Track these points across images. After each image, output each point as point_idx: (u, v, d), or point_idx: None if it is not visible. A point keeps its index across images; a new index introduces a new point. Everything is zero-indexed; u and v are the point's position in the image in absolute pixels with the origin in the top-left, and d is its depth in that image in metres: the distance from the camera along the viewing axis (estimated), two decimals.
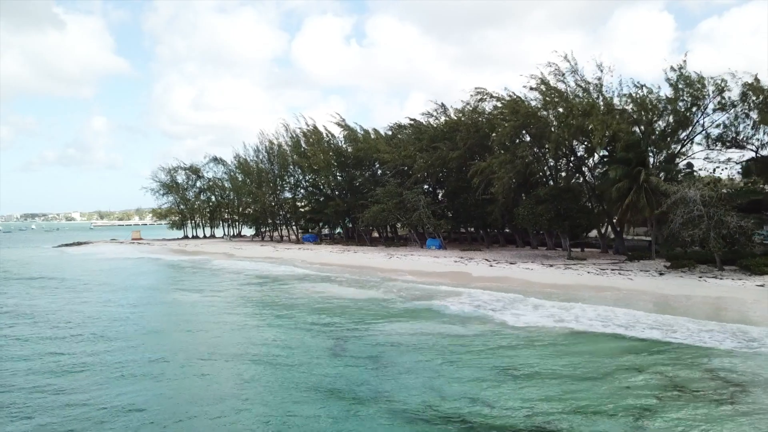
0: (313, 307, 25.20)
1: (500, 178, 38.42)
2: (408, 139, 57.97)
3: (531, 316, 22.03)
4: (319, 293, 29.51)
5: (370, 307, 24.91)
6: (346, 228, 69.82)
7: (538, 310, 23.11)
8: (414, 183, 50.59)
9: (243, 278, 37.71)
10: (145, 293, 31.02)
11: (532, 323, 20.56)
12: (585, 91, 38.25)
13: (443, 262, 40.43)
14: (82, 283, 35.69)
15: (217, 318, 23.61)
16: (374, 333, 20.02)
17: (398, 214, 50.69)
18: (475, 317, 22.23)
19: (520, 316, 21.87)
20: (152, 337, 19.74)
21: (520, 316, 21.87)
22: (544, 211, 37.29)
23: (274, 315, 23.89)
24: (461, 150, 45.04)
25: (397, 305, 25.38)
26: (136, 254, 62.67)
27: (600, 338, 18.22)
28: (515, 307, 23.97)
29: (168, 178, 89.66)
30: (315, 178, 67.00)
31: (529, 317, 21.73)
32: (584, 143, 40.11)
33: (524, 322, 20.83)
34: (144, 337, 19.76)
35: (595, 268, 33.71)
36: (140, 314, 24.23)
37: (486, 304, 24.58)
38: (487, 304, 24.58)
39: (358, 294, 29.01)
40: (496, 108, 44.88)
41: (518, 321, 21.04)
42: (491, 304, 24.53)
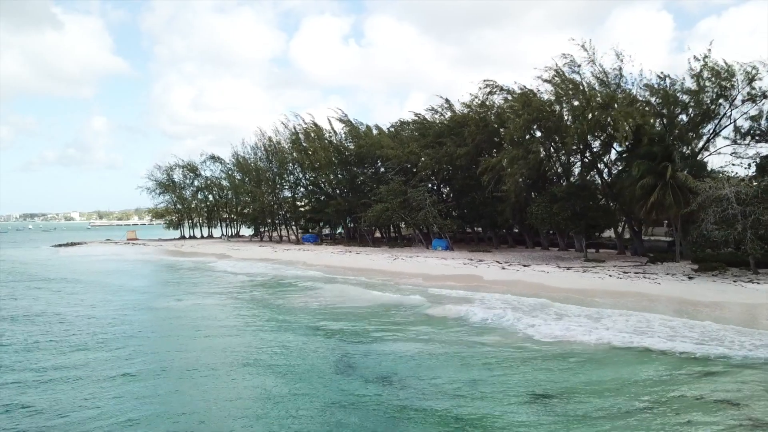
0: (312, 319, 22.92)
1: (512, 175, 36.11)
2: (412, 135, 55.76)
3: (557, 326, 19.74)
4: (319, 301, 27.23)
5: (376, 316, 22.64)
6: (347, 228, 67.52)
7: (563, 320, 20.82)
8: (419, 181, 48.26)
9: (238, 283, 35.46)
10: (130, 300, 28.70)
11: (561, 336, 18.29)
12: (603, 83, 35.95)
13: (452, 264, 38.13)
14: (68, 286, 33.46)
15: (206, 330, 21.34)
16: (384, 347, 17.76)
17: (403, 214, 48.35)
18: (494, 328, 19.97)
19: (545, 327, 19.60)
20: (140, 350, 17.45)
21: (545, 327, 19.60)
22: (560, 210, 34.97)
23: (270, 326, 21.61)
24: (469, 146, 42.72)
25: (406, 314, 23.11)
26: (128, 255, 60.41)
27: (644, 355, 15.92)
28: (537, 315, 21.69)
29: (164, 176, 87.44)
30: (315, 176, 64.61)
31: (556, 328, 19.45)
32: (601, 138, 37.80)
33: (551, 334, 18.56)
34: (131, 349, 17.47)
35: (617, 270, 31.42)
36: (123, 324, 21.94)
37: (504, 312, 22.30)
38: (506, 312, 22.29)
39: (362, 300, 26.73)
40: (506, 101, 42.61)
41: (544, 333, 18.78)
42: (510, 312, 22.24)
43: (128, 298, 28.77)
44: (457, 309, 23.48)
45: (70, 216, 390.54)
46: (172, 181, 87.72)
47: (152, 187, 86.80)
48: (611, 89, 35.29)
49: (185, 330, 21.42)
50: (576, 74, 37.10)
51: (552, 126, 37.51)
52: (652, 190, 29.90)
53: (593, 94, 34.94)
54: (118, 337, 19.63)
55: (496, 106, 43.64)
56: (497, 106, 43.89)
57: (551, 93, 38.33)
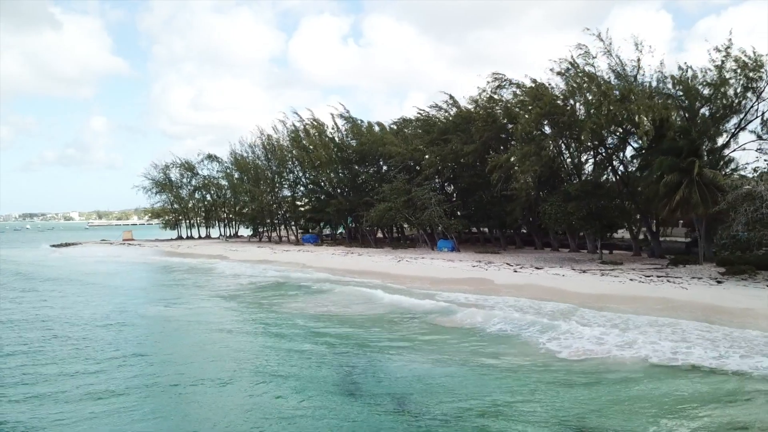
0: (312, 327, 20.96)
1: (524, 172, 34.13)
2: (415, 133, 53.81)
3: (583, 338, 17.77)
4: (319, 306, 25.27)
5: (382, 325, 20.70)
6: (348, 228, 65.55)
7: (588, 330, 18.82)
8: (424, 179, 46.26)
9: (233, 287, 33.51)
10: (115, 306, 26.72)
11: (589, 350, 16.32)
12: (619, 75, 33.98)
13: (460, 266, 36.17)
14: (56, 288, 31.53)
15: (194, 341, 19.38)
16: (393, 361, 15.83)
17: (407, 213, 46.37)
18: (513, 340, 18.04)
19: (569, 339, 17.67)
20: (124, 364, 15.50)
21: (569, 339, 17.67)
22: (574, 210, 33.01)
23: (267, 337, 19.66)
24: (477, 143, 40.73)
25: (415, 322, 21.16)
26: (121, 256, 58.46)
27: (691, 374, 13.95)
28: (559, 325, 19.70)
29: (161, 175, 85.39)
30: (316, 174, 62.54)
31: (582, 341, 17.50)
32: (617, 133, 35.84)
33: (578, 348, 16.61)
34: (114, 362, 15.53)
35: (637, 274, 29.47)
36: (107, 333, 19.99)
37: (522, 321, 20.38)
38: (524, 321, 20.37)
39: (366, 306, 24.77)
40: (516, 96, 40.65)
41: (570, 347, 16.83)
42: (528, 321, 20.31)
43: (114, 304, 26.81)
44: (470, 317, 21.56)
45: (69, 216, 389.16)
46: (169, 180, 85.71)
47: (148, 186, 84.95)
48: (628, 82, 33.30)
49: (173, 340, 19.50)
50: (590, 66, 35.22)
51: (565, 121, 35.56)
52: (677, 188, 27.92)
53: (610, 86, 32.96)
54: (103, 348, 17.71)
55: (505, 101, 41.65)
56: (506, 100, 41.93)
57: (565, 86, 36.37)
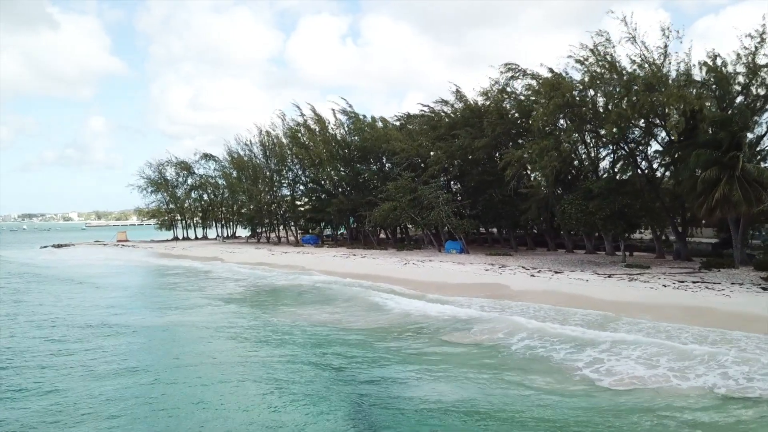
0: (312, 343, 18.35)
1: (542, 168, 31.43)
2: (420, 129, 51.13)
3: (628, 360, 15.13)
4: (319, 317, 22.64)
5: (391, 341, 18.07)
6: (350, 228, 62.90)
7: (631, 348, 16.17)
8: (431, 177, 43.57)
9: (226, 293, 30.89)
10: (97, 314, 24.08)
11: (639, 378, 13.62)
12: (645, 62, 31.27)
13: (471, 270, 33.50)
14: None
15: (178, 357, 16.74)
16: (405, 388, 13.25)
17: (413, 213, 43.69)
18: (541, 361, 15.38)
19: (611, 361, 15.03)
20: (96, 391, 12.90)
21: (611, 361, 15.03)
22: (597, 209, 30.32)
23: (261, 352, 17.01)
24: (488, 138, 38.01)
25: (427, 338, 18.52)
26: (112, 259, 55.90)
27: None
28: (594, 340, 17.06)
29: (156, 174, 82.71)
30: (316, 173, 59.78)
31: (627, 363, 14.86)
32: (642, 126, 33.15)
33: (624, 374, 13.95)
34: (88, 386, 12.93)
35: (668, 278, 26.78)
36: (83, 347, 17.35)
37: (550, 336, 17.79)
38: (552, 336, 17.78)
39: (372, 317, 22.13)
40: (529, 88, 37.93)
41: (612, 371, 14.22)
42: (557, 336, 17.71)
43: (94, 313, 24.17)
44: (490, 331, 18.96)
45: (68, 216, 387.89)
46: (164, 179, 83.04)
47: (143, 185, 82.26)
48: (655, 70, 30.60)
49: (158, 355, 16.96)
50: (610, 55, 32.55)
51: (586, 113, 32.89)
52: (715, 185, 25.23)
53: (635, 74, 30.28)
54: (77, 365, 15.14)
55: (519, 93, 38.98)
56: (519, 93, 39.26)
57: (583, 75, 33.67)
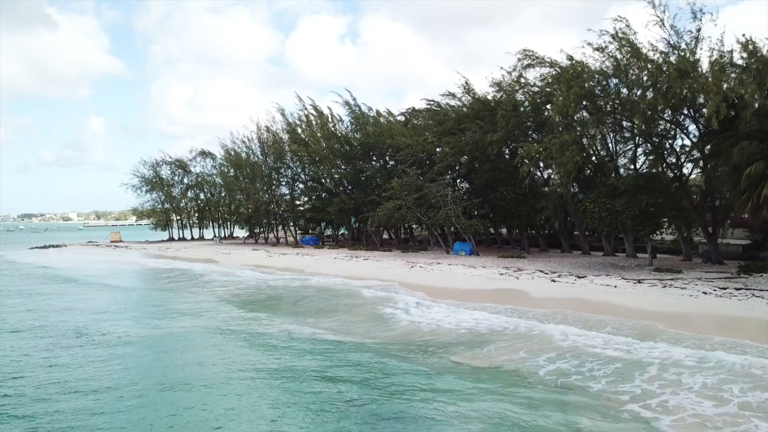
0: (310, 360, 15.59)
1: (564, 164, 28.67)
2: (426, 124, 48.46)
3: (690, 391, 12.42)
4: (317, 329, 19.92)
5: (398, 360, 15.34)
6: (351, 229, 60.19)
7: (688, 376, 13.43)
8: (438, 174, 40.82)
9: (216, 300, 28.19)
10: (69, 320, 21.37)
11: (708, 419, 10.88)
12: (674, 48, 28.58)
13: (484, 274, 30.76)
14: None
15: (155, 375, 14.05)
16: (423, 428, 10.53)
17: (419, 213, 40.94)
18: (577, 392, 12.63)
19: (664, 394, 12.31)
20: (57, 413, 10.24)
21: (664, 394, 12.31)
22: (624, 208, 27.58)
23: (252, 372, 14.29)
24: (502, 131, 35.24)
25: (440, 359, 15.79)
26: (102, 262, 53.25)
27: None
28: (640, 365, 14.30)
29: (151, 172, 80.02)
30: (316, 171, 56.98)
31: (687, 395, 12.18)
32: (674, 116, 30.43)
33: (686, 412, 11.24)
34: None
35: (705, 284, 24.04)
36: (50, 358, 14.64)
37: (584, 356, 15.09)
38: (587, 356, 15.07)
39: (378, 330, 19.42)
40: (543, 78, 35.20)
41: (669, 406, 11.58)
42: (593, 357, 14.98)
43: (72, 321, 21.47)
44: (510, 349, 16.27)
45: (67, 216, 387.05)
46: (160, 178, 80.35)
47: (138, 184, 79.61)
48: (686, 54, 27.89)
49: (135, 373, 14.29)
50: (633, 40, 29.90)
51: (606, 104, 30.19)
52: (761, 180, 22.48)
53: (666, 60, 27.58)
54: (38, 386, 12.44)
55: (533, 84, 36.25)
56: (533, 84, 36.53)
57: (605, 63, 30.98)
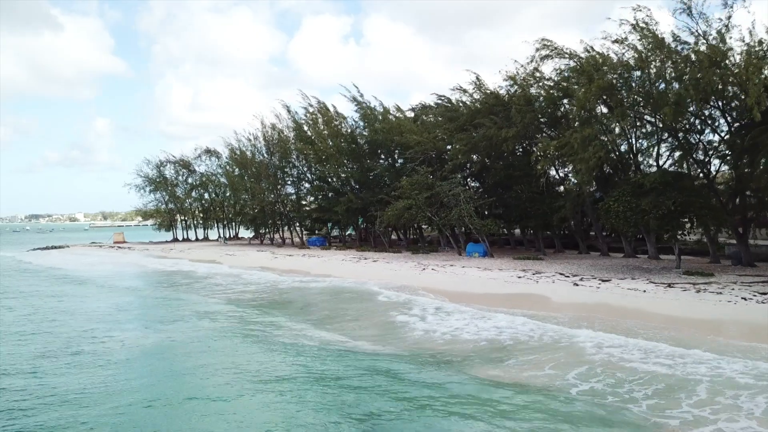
0: (303, 374, 14.03)
1: (585, 161, 26.98)
2: (437, 121, 46.88)
3: (746, 418, 10.84)
4: (321, 340, 18.37)
5: (404, 373, 13.77)
6: (359, 229, 58.64)
7: (746, 397, 11.84)
8: (450, 171, 39.18)
9: (221, 303, 26.72)
10: (63, 330, 19.93)
11: None
12: (703, 36, 26.85)
13: (501, 277, 29.14)
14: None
15: (147, 389, 12.56)
16: None
17: (430, 212, 39.34)
18: (618, 418, 10.98)
19: (720, 421, 10.71)
20: None
21: (720, 421, 10.71)
22: (651, 207, 25.87)
23: (257, 387, 12.76)
24: (518, 126, 33.57)
25: (451, 370, 14.21)
26: (101, 264, 52.02)
27: None
28: (684, 384, 12.69)
29: (155, 172, 78.77)
30: (322, 169, 55.35)
31: (746, 422, 10.56)
32: (705, 109, 28.73)
33: None
34: None
35: (743, 289, 22.32)
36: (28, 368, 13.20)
37: (620, 372, 13.52)
38: (622, 372, 13.49)
39: (389, 338, 17.85)
40: (560, 72, 33.58)
41: None
42: (631, 374, 13.39)
43: (58, 329, 20.04)
44: (536, 363, 14.72)
45: (74, 217, 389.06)
46: (163, 178, 79.08)
47: (141, 184, 78.35)
48: (717, 43, 26.17)
49: (141, 380, 12.84)
50: (654, 30, 28.25)
51: (628, 97, 28.52)
52: None
53: (696, 49, 25.91)
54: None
55: (548, 78, 34.59)
56: (548, 77, 34.87)
57: (626, 54, 29.33)
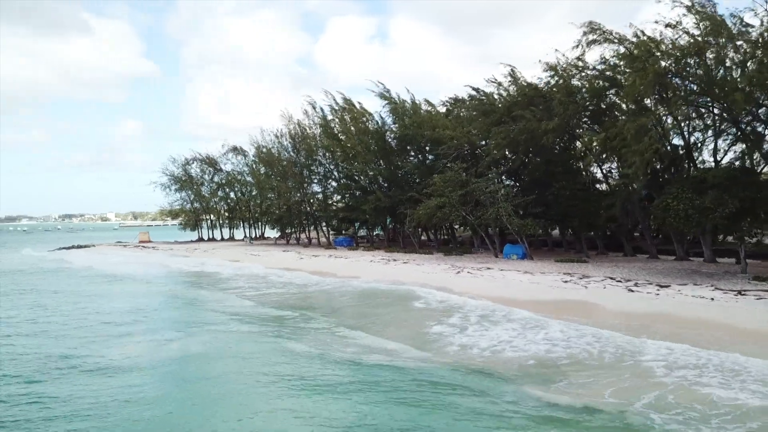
0: (333, 386, 12.04)
1: (641, 152, 24.45)
2: (470, 115, 44.56)
3: None
4: (351, 348, 16.38)
5: (447, 392, 11.67)
6: (387, 229, 56.63)
7: None
8: (487, 167, 36.81)
9: (241, 307, 25.00)
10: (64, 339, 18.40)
11: None
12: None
13: (545, 281, 26.79)
14: None
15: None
16: None
17: (464, 211, 37.04)
18: None
19: None
20: None
21: None
22: (716, 204, 23.26)
23: (267, 404, 10.86)
24: (560, 118, 31.11)
25: (503, 387, 12.04)
26: (123, 263, 51.06)
27: None
28: None
29: (180, 170, 77.97)
30: (349, 167, 53.45)
31: None
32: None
33: None
34: None
35: None
36: None
37: (703, 402, 11.22)
38: (713, 407, 11.21)
39: (422, 348, 15.76)
40: (605, 62, 31.05)
41: None
42: (723, 411, 11.11)
43: (60, 336, 18.51)
44: (599, 382, 12.52)
45: (106, 217, 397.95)
46: (189, 176, 78.29)
47: (167, 182, 77.69)
48: None
49: (168, 383, 11.07)
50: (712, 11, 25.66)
51: (690, 83, 25.93)
52: None
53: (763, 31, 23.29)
54: None
55: (594, 66, 32.08)
56: (594, 66, 32.35)
57: (683, 38, 26.73)
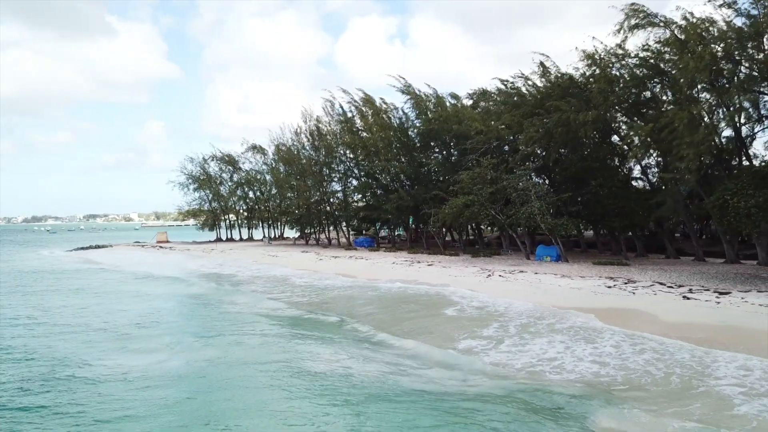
0: (348, 413, 10.01)
1: (695, 145, 21.97)
2: (498, 108, 42.19)
3: None
4: (371, 370, 14.31)
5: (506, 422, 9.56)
6: (409, 229, 54.45)
7: None
8: (519, 162, 34.40)
9: (257, 314, 23.12)
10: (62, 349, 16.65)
11: None
12: None
13: (585, 287, 24.40)
14: None
15: None
16: None
17: (494, 210, 34.67)
18: None
19: None
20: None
21: None
22: None
23: None
24: (600, 108, 28.65)
25: (559, 421, 9.86)
26: (138, 264, 49.70)
27: None
28: None
29: (199, 169, 76.83)
30: (370, 165, 51.30)
31: None
32: None
33: None
34: None
35: None
36: None
37: None
38: None
39: (456, 369, 13.63)
40: (648, 48, 28.56)
41: None
42: None
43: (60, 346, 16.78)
44: (669, 410, 10.19)
45: (129, 217, 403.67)
46: (207, 175, 77.10)
47: (185, 181, 76.59)
48: None
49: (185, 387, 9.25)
50: None
51: (747, 68, 23.35)
52: None
53: None
54: None
55: (636, 53, 29.56)
56: (635, 54, 29.84)
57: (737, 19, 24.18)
